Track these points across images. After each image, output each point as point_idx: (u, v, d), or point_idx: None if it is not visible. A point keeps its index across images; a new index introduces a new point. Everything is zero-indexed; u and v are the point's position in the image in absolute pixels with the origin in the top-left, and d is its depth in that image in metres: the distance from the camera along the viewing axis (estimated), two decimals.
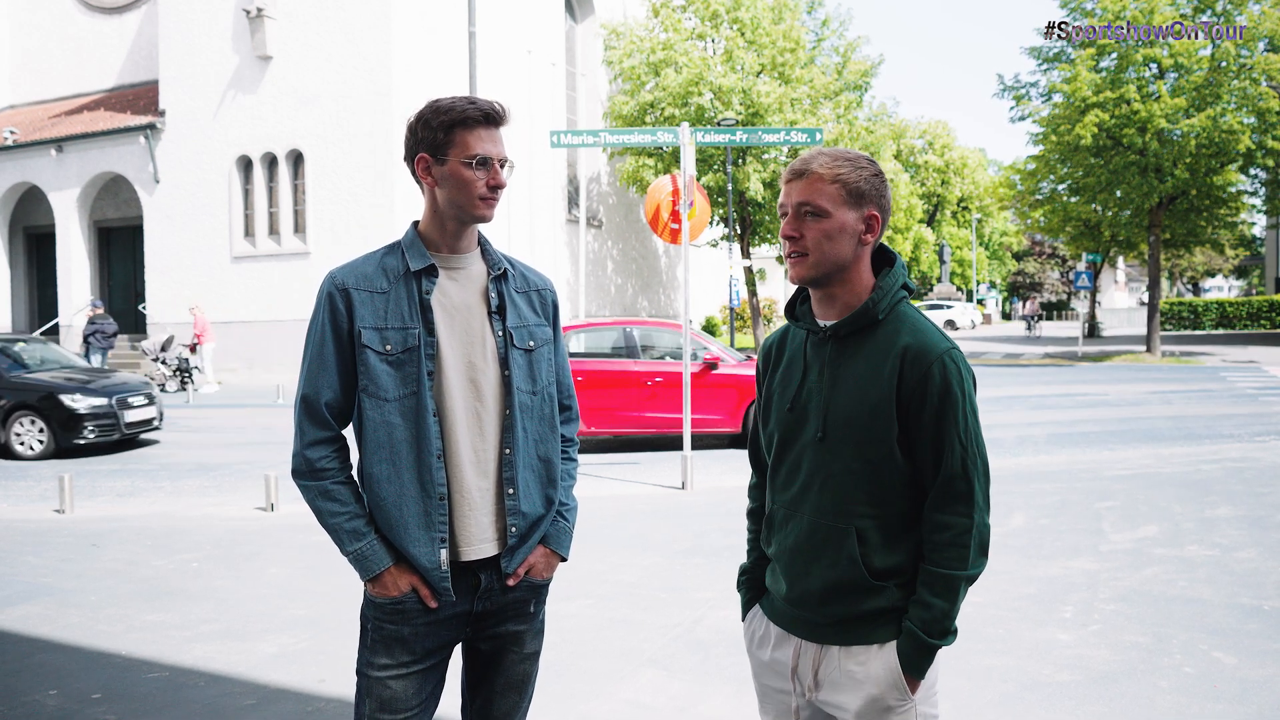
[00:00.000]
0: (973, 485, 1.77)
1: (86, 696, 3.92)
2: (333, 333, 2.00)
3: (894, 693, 1.78)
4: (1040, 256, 66.68)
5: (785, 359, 1.96)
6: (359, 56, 20.49)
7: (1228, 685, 3.82)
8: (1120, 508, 7.17)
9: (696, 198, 8.89)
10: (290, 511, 7.58)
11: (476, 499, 2.03)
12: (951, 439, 1.76)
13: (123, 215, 24.63)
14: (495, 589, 2.07)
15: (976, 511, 1.77)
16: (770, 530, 1.98)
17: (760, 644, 1.99)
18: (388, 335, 1.98)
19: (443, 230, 2.06)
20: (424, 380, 1.98)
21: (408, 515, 1.98)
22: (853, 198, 1.80)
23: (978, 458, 1.78)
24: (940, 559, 1.76)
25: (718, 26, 25.64)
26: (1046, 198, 26.96)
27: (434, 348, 2.00)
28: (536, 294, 2.19)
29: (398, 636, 2.01)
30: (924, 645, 1.75)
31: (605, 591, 5.28)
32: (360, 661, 2.06)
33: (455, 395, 2.02)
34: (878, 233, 1.83)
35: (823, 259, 1.81)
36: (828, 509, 1.82)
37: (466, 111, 1.99)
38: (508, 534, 2.06)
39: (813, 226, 1.80)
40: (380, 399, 1.98)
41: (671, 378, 10.61)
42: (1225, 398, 15.15)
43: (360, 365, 1.99)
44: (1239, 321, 40.92)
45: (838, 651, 1.84)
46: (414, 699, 2.03)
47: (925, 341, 1.77)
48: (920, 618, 1.76)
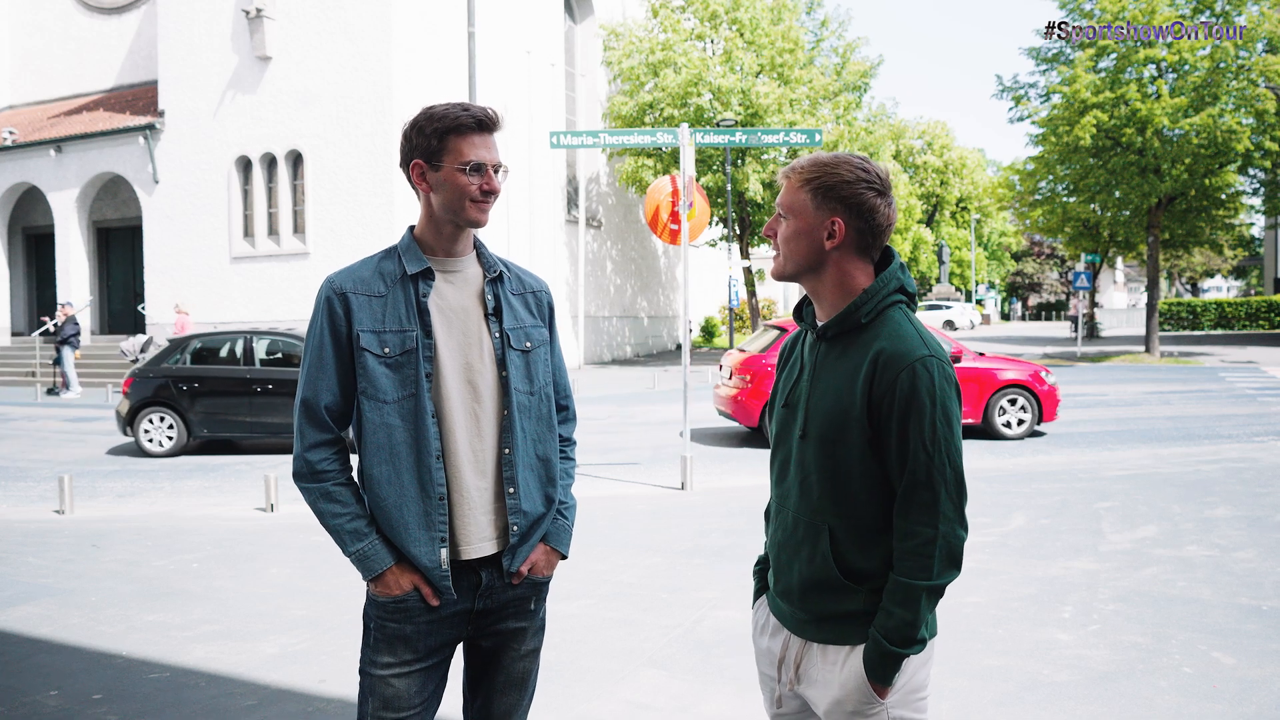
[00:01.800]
0: (938, 495, 1.74)
1: (87, 697, 3.92)
2: (331, 336, 2.02)
3: (859, 696, 1.80)
4: (1039, 257, 66.77)
5: (791, 358, 2.02)
6: (358, 57, 20.50)
7: (1227, 685, 3.82)
8: (1119, 508, 7.18)
9: (696, 198, 8.90)
10: (290, 512, 7.58)
11: (476, 499, 2.05)
12: (916, 446, 1.74)
13: (122, 215, 24.64)
14: (497, 587, 2.09)
15: (943, 522, 1.74)
16: (767, 523, 2.06)
17: (760, 632, 2.05)
18: (385, 338, 2.01)
19: (439, 234, 2.10)
20: (422, 382, 2.01)
21: (408, 516, 2.00)
22: (817, 202, 1.83)
23: (946, 467, 1.75)
24: (904, 568, 1.76)
25: (717, 27, 25.67)
26: (1045, 198, 26.98)
27: (431, 350, 2.03)
28: (532, 295, 2.22)
29: (400, 635, 2.03)
30: (886, 652, 1.75)
31: (605, 591, 5.28)
32: (363, 660, 2.08)
33: (453, 397, 2.04)
34: (840, 238, 1.82)
35: (787, 258, 1.90)
36: (807, 506, 1.86)
37: (460, 118, 2.02)
38: (509, 533, 2.08)
39: (783, 227, 1.89)
40: (379, 401, 2.00)
41: None
42: (1224, 398, 15.16)
43: (359, 368, 2.01)
44: (1237, 322, 40.95)
45: (817, 649, 1.87)
46: (416, 697, 2.05)
47: (900, 348, 1.77)
48: (883, 625, 1.76)
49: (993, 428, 11.23)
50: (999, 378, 11.27)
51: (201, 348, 11.94)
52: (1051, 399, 11.27)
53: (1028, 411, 11.24)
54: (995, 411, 11.24)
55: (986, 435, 11.28)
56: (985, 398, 11.21)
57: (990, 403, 11.22)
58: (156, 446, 11.36)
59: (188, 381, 11.42)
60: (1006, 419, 11.28)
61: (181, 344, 11.98)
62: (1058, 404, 11.42)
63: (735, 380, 11.06)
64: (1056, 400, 11.36)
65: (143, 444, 11.37)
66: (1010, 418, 11.29)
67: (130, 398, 11.47)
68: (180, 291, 22.33)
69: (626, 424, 13.61)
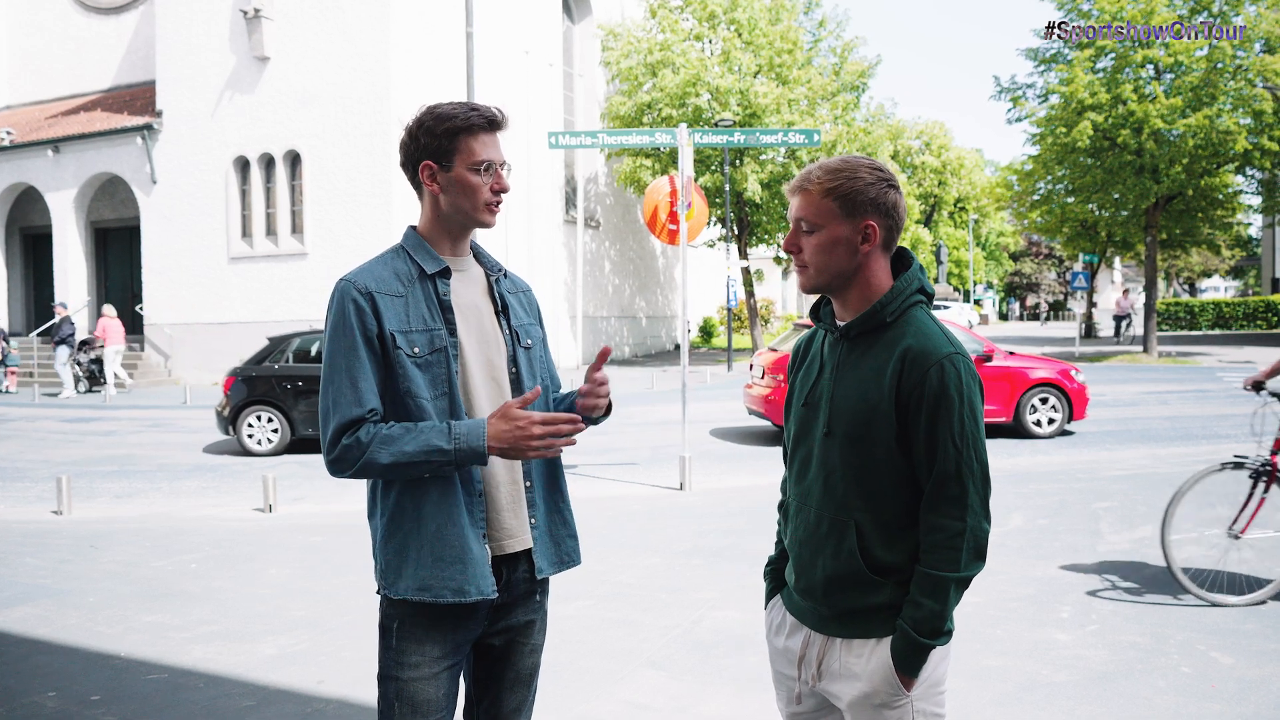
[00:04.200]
0: (966, 489, 1.79)
1: (86, 698, 3.92)
2: (363, 338, 1.95)
3: (887, 688, 1.83)
4: (1037, 257, 66.79)
5: (809, 357, 2.04)
6: (357, 57, 20.49)
7: (1225, 685, 3.83)
8: (1118, 508, 7.19)
9: (694, 199, 8.90)
10: (289, 512, 7.58)
11: (509, 492, 2.07)
12: (945, 442, 1.78)
13: (120, 216, 24.60)
14: (514, 581, 2.09)
15: (970, 515, 1.79)
16: (786, 521, 2.07)
17: (776, 632, 2.06)
18: (414, 338, 1.98)
19: (446, 235, 2.10)
20: (454, 380, 2.01)
21: (453, 512, 1.98)
22: (846, 210, 1.84)
23: (974, 461, 1.80)
24: (932, 560, 1.79)
25: (715, 27, 25.67)
26: (1043, 198, 27.00)
27: (458, 348, 2.03)
28: (524, 295, 2.26)
29: (430, 633, 2.01)
30: (916, 644, 1.79)
31: (604, 592, 5.28)
32: (385, 665, 2.04)
33: (481, 393, 2.06)
34: (875, 241, 1.86)
35: (821, 270, 1.89)
36: (831, 502, 1.88)
37: (471, 118, 2.01)
38: (531, 526, 2.10)
39: (809, 240, 1.88)
40: (419, 400, 1.97)
41: None
42: (1222, 398, 15.17)
43: (397, 368, 1.97)
44: (1235, 322, 40.97)
45: (840, 644, 1.89)
46: (445, 699, 2.04)
47: (927, 345, 1.80)
48: (912, 616, 1.79)
49: (1024, 426, 11.29)
50: (1030, 376, 11.35)
51: (300, 347, 11.87)
52: (1081, 397, 11.32)
53: (1058, 411, 11.31)
54: (1026, 410, 11.30)
55: (1017, 434, 11.34)
56: (1017, 396, 11.28)
57: (1021, 401, 11.30)
58: (259, 445, 11.31)
59: (291, 380, 11.36)
60: (1037, 417, 11.34)
61: (282, 342, 11.93)
62: (1087, 403, 11.48)
63: (768, 380, 11.11)
64: (1086, 399, 11.42)
65: (245, 443, 11.31)
66: (1041, 416, 11.35)
67: (231, 397, 11.40)
68: (178, 292, 22.32)
69: (625, 424, 13.60)
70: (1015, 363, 11.54)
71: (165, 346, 22.69)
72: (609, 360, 18.60)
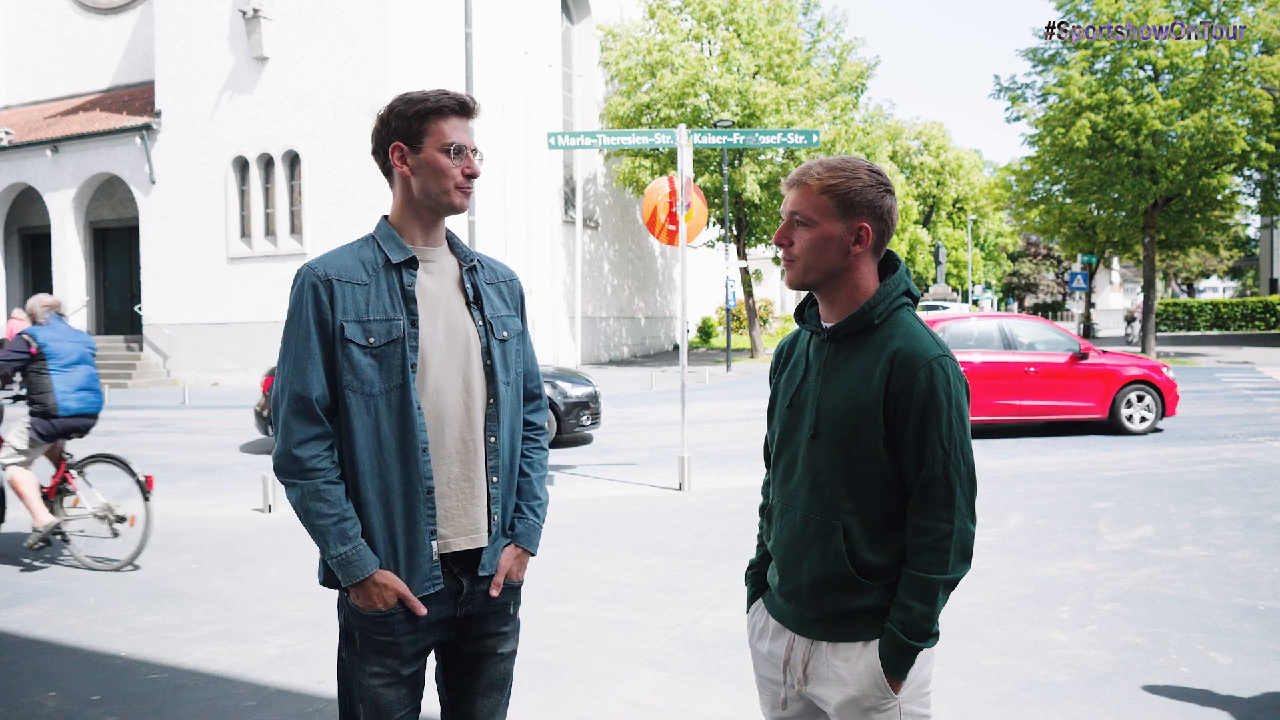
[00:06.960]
0: (954, 491, 1.79)
1: (86, 698, 3.92)
2: (317, 325, 1.95)
3: (875, 691, 1.82)
4: (1035, 258, 66.77)
5: (793, 359, 2.03)
6: (356, 58, 20.49)
7: (1224, 685, 3.84)
8: (1116, 508, 7.20)
9: (693, 199, 8.91)
10: (289, 513, 7.56)
11: (463, 489, 2.05)
12: (933, 444, 1.78)
13: (118, 216, 24.59)
14: (477, 594, 2.08)
15: (958, 517, 1.79)
16: (769, 523, 2.05)
17: (759, 636, 2.05)
18: (370, 327, 1.96)
19: (417, 222, 2.08)
20: (409, 373, 1.97)
21: (396, 509, 1.98)
22: (842, 208, 1.84)
23: (961, 464, 1.80)
24: (920, 562, 1.79)
25: (714, 28, 25.69)
26: (1042, 199, 27.03)
27: (417, 339, 1.99)
28: (505, 285, 2.21)
29: (388, 645, 2.02)
30: (903, 646, 1.79)
31: (604, 592, 5.29)
32: (348, 665, 2.07)
33: (440, 387, 2.02)
34: (867, 244, 1.86)
35: (810, 266, 1.88)
36: (817, 504, 1.87)
37: (441, 100, 2.02)
38: (490, 524, 2.08)
39: (802, 235, 1.87)
40: (365, 394, 1.96)
41: (1044, 368, 11.32)
42: (1220, 398, 15.19)
43: (343, 360, 1.95)
44: (1233, 322, 41.03)
45: (826, 647, 1.88)
46: (408, 702, 2.07)
47: (916, 347, 1.80)
48: (900, 619, 1.79)
49: (1119, 422, 11.36)
50: (1124, 374, 11.42)
51: None
52: (1172, 392, 11.40)
53: (1152, 408, 11.38)
54: (1122, 406, 11.35)
55: (1111, 430, 11.42)
56: (1112, 393, 11.36)
57: (1117, 398, 11.36)
58: None
59: None
60: (1131, 413, 11.39)
61: None
62: (1178, 399, 11.56)
63: None
64: (1177, 395, 11.49)
65: None
66: (1134, 412, 11.41)
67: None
68: (177, 292, 22.30)
69: (624, 424, 13.61)
70: (1111, 361, 11.62)
71: (164, 347, 22.68)
72: (609, 361, 18.50)
